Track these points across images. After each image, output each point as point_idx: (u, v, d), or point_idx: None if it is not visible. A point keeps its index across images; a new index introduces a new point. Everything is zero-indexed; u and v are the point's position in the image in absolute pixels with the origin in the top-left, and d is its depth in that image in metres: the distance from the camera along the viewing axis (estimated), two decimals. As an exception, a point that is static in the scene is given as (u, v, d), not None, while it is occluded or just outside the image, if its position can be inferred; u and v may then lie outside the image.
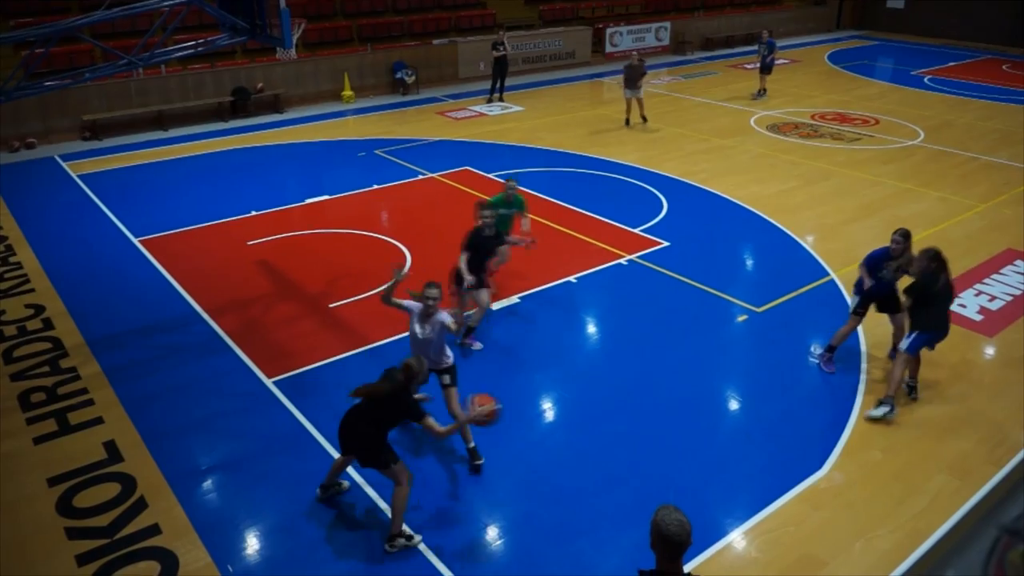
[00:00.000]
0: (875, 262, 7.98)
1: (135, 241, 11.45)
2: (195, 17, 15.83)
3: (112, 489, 6.42)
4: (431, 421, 5.79)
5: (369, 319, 9.12)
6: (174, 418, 7.38)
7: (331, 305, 9.53)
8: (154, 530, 5.97)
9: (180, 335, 8.93)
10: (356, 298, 9.65)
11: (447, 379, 6.80)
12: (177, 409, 7.53)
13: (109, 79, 16.39)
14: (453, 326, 6.69)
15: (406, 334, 8.71)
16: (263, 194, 13.35)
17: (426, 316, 6.71)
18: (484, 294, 8.45)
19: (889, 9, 32.50)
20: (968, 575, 0.46)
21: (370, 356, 8.39)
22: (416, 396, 6.15)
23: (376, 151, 15.96)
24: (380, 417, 5.81)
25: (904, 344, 7.43)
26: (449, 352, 6.87)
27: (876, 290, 7.88)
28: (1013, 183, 13.90)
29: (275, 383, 7.89)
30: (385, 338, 8.70)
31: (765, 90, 20.62)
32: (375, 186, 13.85)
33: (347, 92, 20.27)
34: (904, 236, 7.84)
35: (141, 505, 6.22)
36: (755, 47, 20.69)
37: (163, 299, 9.73)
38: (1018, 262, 10.64)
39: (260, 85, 18.96)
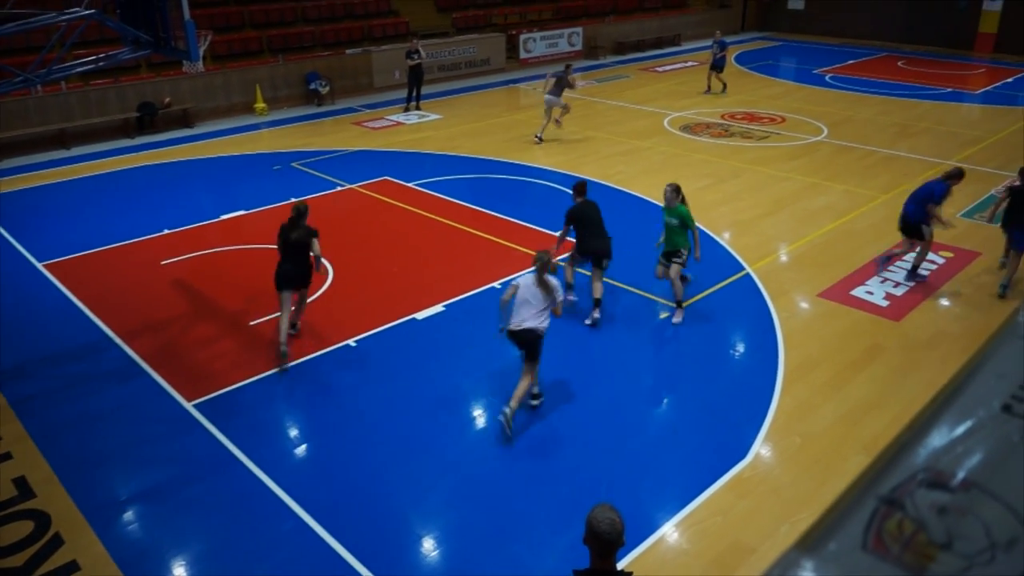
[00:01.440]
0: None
1: (39, 266, 10.93)
2: (95, 31, 15.24)
3: (25, 527, 6.10)
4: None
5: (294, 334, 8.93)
6: (88, 449, 7.08)
7: (252, 323, 9.31)
8: (72, 567, 5.71)
9: (91, 362, 8.57)
10: (278, 314, 9.42)
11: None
12: (91, 439, 7.22)
13: (5, 97, 15.62)
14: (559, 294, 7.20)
15: (334, 348, 8.62)
16: (175, 211, 12.94)
17: (540, 281, 7.11)
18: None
19: (790, 11, 33.81)
20: (849, 546, 0.48)
21: (296, 372, 8.23)
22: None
23: (292, 164, 15.68)
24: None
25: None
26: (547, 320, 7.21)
27: None
28: (912, 174, 14.61)
29: (195, 406, 7.64)
30: (311, 353, 8.54)
31: (725, 85, 21.61)
32: (293, 199, 13.58)
33: (260, 104, 19.86)
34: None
35: (57, 542, 5.94)
36: (679, 48, 21.48)
37: (71, 325, 9.32)
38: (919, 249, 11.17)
39: (168, 100, 18.39)
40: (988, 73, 25.42)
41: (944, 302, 9.75)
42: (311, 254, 8.33)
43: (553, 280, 7.15)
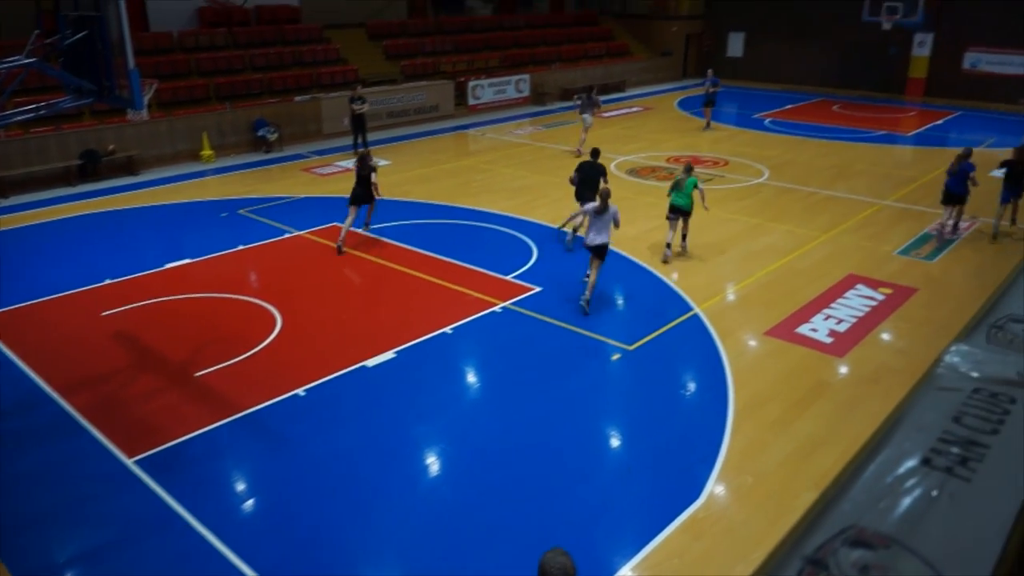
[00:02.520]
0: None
1: (-28, 319, 10.55)
2: (36, 78, 14.99)
3: (-50, 597, 5.78)
4: None
5: (240, 385, 8.74)
6: (21, 511, 6.76)
7: (198, 374, 9.07)
8: (2, 638, 5.41)
9: (24, 418, 8.24)
10: (225, 364, 9.24)
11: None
12: (24, 501, 6.90)
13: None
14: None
15: (282, 398, 8.44)
16: (118, 261, 12.65)
17: (603, 210, 10.37)
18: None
19: (729, 58, 34.96)
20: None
21: (244, 424, 8.02)
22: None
23: (240, 211, 15.50)
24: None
25: None
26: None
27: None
28: (850, 214, 15.09)
29: (136, 462, 7.38)
30: (259, 403, 8.35)
31: (709, 123, 23.54)
32: (240, 247, 13.42)
33: (206, 151, 19.67)
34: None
35: (-14, 612, 5.63)
36: (624, 93, 22.49)
37: (4, 381, 8.97)
38: (859, 286, 11.50)
39: (111, 147, 18.11)
40: (919, 116, 26.56)
41: (885, 337, 10.00)
42: (372, 182, 13.21)
43: (612, 207, 10.37)
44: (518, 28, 31.54)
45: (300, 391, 8.63)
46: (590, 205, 10.76)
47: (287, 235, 14.04)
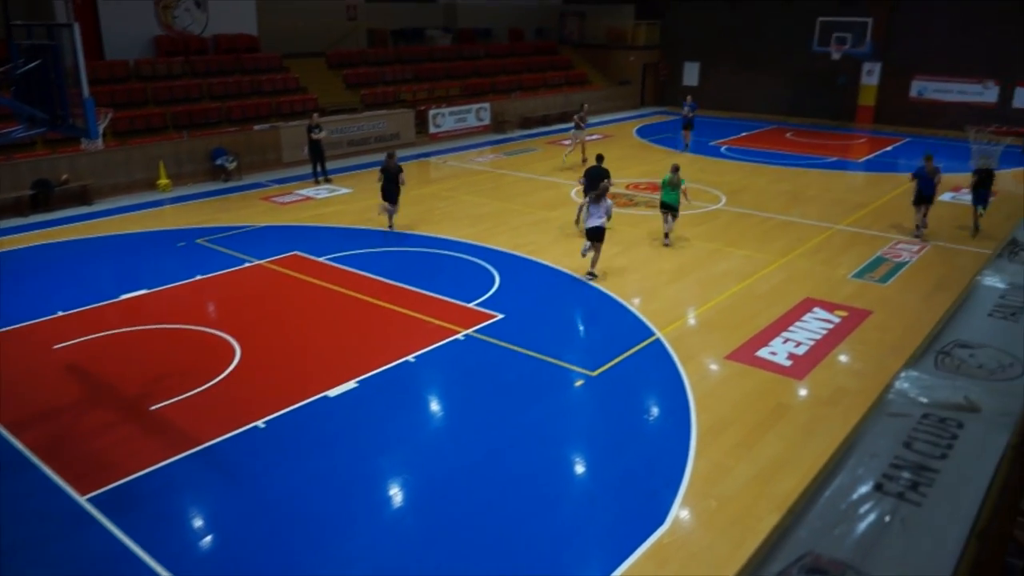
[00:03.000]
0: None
1: (-83, 355, 10.21)
2: (-15, 108, 14.69)
3: None
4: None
5: (198, 418, 8.57)
6: (-32, 553, 6.51)
7: (153, 407, 8.87)
8: None
9: (-26, 457, 7.96)
10: (182, 397, 9.05)
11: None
12: (-28, 542, 6.65)
13: None
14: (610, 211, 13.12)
15: (241, 430, 8.28)
16: (71, 292, 12.37)
17: (598, 200, 12.87)
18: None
19: (685, 86, 35.64)
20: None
21: (201, 458, 7.85)
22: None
23: (198, 240, 15.30)
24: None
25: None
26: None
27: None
28: (805, 238, 15.40)
29: (90, 500, 7.17)
30: (217, 436, 8.19)
31: (688, 145, 24.77)
32: (198, 276, 13.22)
33: (163, 180, 19.42)
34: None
35: (-73, 661, 5.39)
36: (574, 124, 22.81)
37: (-48, 418, 8.67)
38: (816, 309, 11.71)
39: (65, 176, 17.78)
40: (869, 143, 27.32)
41: (842, 359, 10.19)
42: (400, 180, 15.28)
43: (608, 201, 12.93)
44: (478, 57, 31.85)
45: (260, 423, 8.48)
46: (588, 196, 13.37)
47: (246, 264, 13.88)
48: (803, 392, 9.35)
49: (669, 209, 14.73)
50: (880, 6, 29.38)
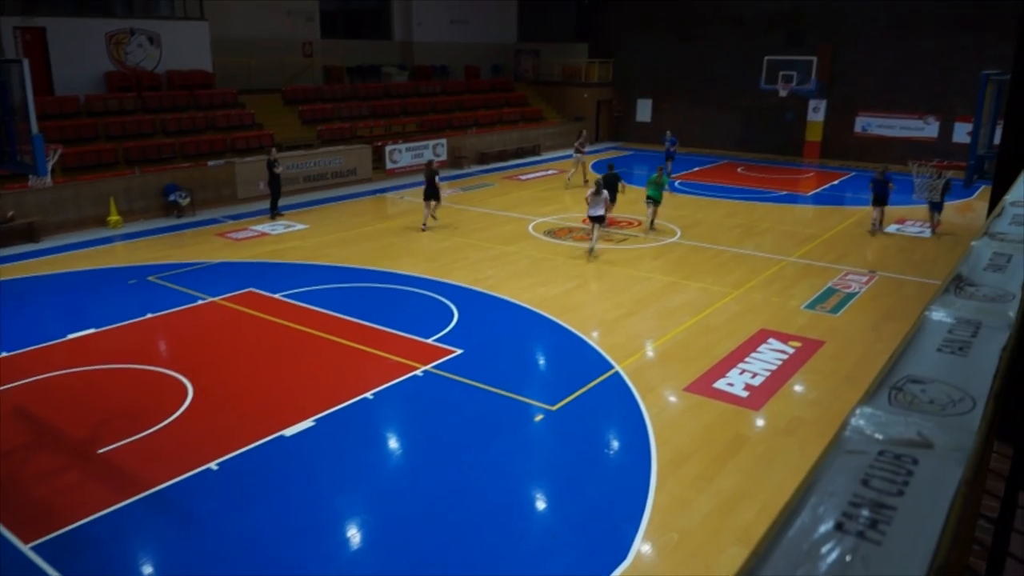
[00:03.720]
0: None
1: None
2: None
3: None
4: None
5: (148, 461, 8.32)
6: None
7: (101, 450, 8.60)
8: None
9: (-91, 507, 7.61)
10: (131, 439, 8.79)
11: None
12: (-95, 597, 6.33)
13: None
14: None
15: (193, 472, 8.06)
16: (15, 332, 11.99)
17: (597, 194, 16.20)
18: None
19: (639, 123, 36.40)
20: None
21: (152, 502, 7.61)
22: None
23: (149, 277, 15.01)
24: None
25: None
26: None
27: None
28: (758, 270, 15.70)
29: (34, 548, 6.89)
30: (168, 480, 7.95)
31: (669, 174, 25.24)
32: (149, 315, 12.94)
33: (113, 217, 19.06)
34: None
35: None
36: (540, 157, 23.32)
37: None
38: (771, 340, 11.90)
39: (11, 213, 17.35)
40: (817, 177, 28.08)
41: (797, 389, 10.34)
42: (436, 184, 18.42)
43: (604, 192, 16.24)
44: (435, 94, 32.09)
45: (212, 465, 8.27)
46: (590, 192, 16.42)
47: (200, 302, 13.63)
48: (760, 423, 9.45)
49: (653, 202, 18.44)
50: (824, 46, 30.43)
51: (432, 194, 18.66)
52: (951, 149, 28.40)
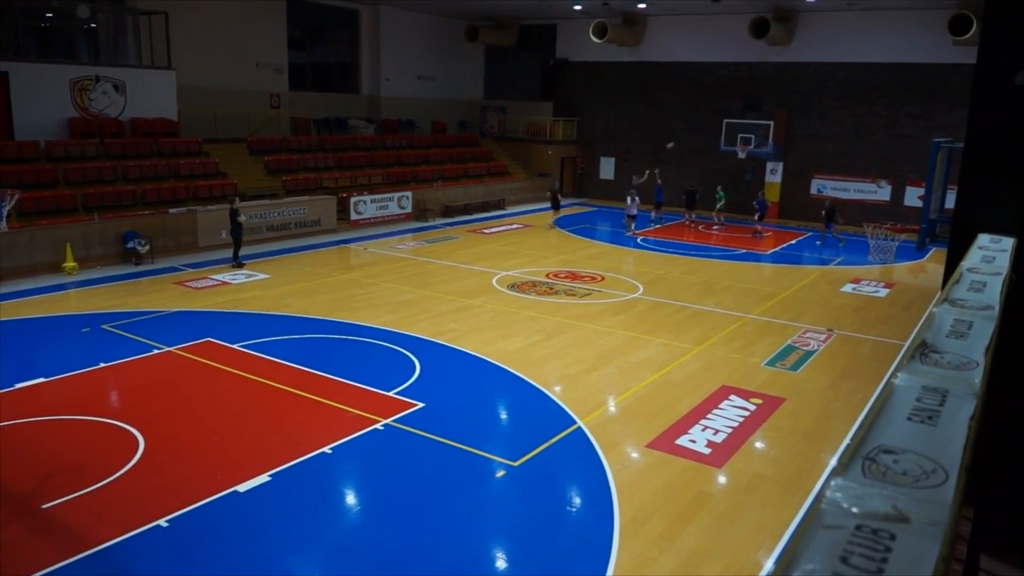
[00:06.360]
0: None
1: None
2: None
3: None
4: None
5: (93, 517, 8.00)
6: None
7: (44, 506, 8.25)
8: None
9: None
10: (76, 494, 8.46)
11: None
12: None
13: None
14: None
15: (141, 530, 7.76)
16: (-41, 382, 11.58)
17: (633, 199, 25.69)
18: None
19: (602, 180, 37.00)
20: None
21: (96, 561, 7.29)
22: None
23: (103, 326, 14.65)
24: None
25: None
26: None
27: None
28: (719, 327, 15.87)
29: (-33, 611, 6.54)
30: (114, 537, 7.64)
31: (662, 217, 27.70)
32: (101, 364, 12.60)
33: (69, 263, 18.67)
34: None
35: None
36: (505, 211, 23.54)
37: None
38: (732, 396, 11.97)
39: (-40, 259, 16.91)
40: (775, 236, 28.68)
41: (759, 446, 10.37)
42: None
43: (635, 196, 25.75)
44: (401, 147, 32.34)
45: (162, 522, 7.98)
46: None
47: (155, 351, 13.32)
48: (722, 480, 9.44)
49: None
50: (779, 111, 31.44)
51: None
52: (903, 212, 29.32)
